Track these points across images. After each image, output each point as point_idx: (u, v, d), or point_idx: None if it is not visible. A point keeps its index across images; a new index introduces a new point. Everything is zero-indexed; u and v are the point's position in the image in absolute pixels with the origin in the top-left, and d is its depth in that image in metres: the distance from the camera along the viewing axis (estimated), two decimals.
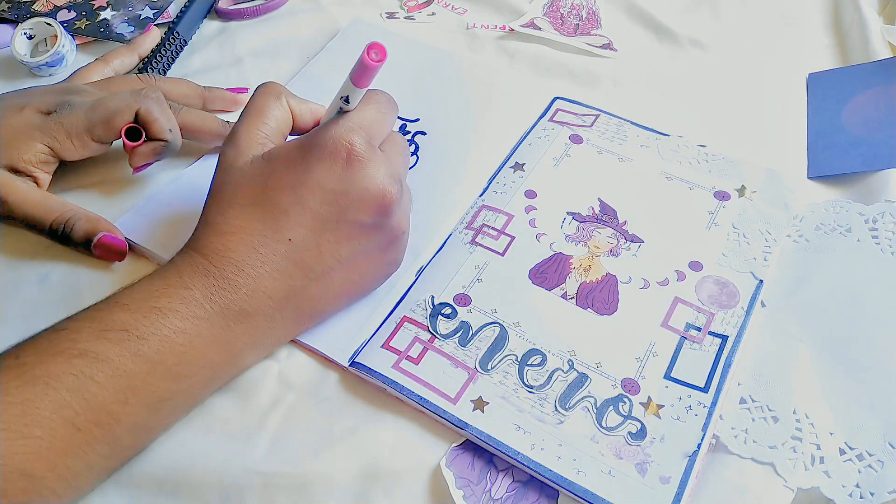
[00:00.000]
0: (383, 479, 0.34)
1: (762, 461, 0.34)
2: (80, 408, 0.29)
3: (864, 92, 0.51)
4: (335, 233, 0.35)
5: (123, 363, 0.30)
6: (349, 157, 0.34)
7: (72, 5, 0.58)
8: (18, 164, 0.42)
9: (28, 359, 0.30)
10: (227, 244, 0.34)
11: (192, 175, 0.47)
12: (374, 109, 0.37)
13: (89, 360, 0.30)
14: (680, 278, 0.41)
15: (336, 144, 0.34)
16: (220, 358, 0.34)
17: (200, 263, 0.34)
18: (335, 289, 0.37)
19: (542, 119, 0.51)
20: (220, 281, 0.33)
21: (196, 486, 0.34)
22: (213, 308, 0.33)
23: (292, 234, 0.34)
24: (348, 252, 0.36)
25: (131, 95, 0.43)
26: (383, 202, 0.35)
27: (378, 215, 0.35)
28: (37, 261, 0.43)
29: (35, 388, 0.29)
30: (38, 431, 0.28)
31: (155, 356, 0.31)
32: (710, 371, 0.37)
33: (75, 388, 0.29)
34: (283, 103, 0.38)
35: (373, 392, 0.37)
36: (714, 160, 0.47)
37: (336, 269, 0.36)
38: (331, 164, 0.34)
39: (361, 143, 0.35)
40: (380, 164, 0.35)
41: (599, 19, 0.60)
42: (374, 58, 0.33)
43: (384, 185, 0.35)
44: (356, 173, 0.35)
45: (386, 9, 0.61)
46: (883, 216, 0.43)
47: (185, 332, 0.32)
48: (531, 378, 0.37)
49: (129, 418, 0.31)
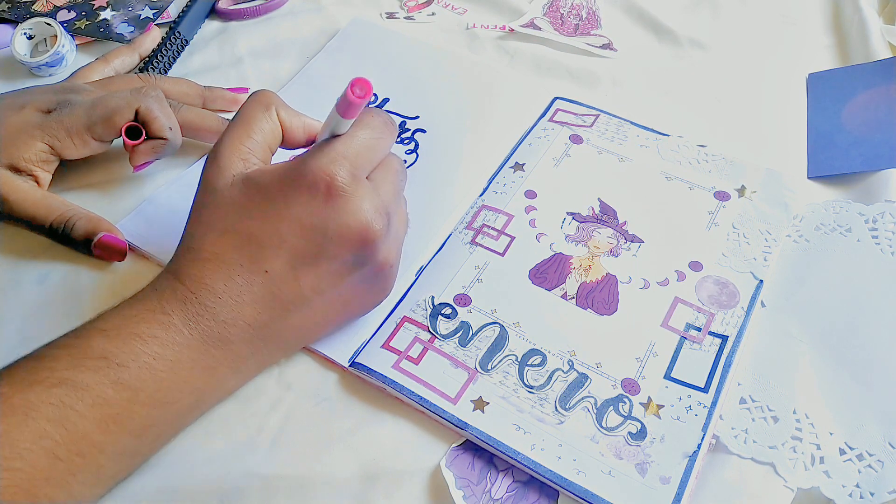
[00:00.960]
0: (383, 480, 0.34)
1: (762, 461, 0.34)
2: (60, 438, 0.28)
3: (864, 92, 0.51)
4: (315, 267, 0.33)
5: (104, 391, 0.30)
6: (329, 191, 0.33)
7: (72, 5, 0.58)
8: (19, 162, 0.42)
9: (5, 388, 0.29)
10: (203, 271, 0.33)
11: (192, 175, 0.47)
12: (365, 135, 0.35)
13: (68, 389, 0.29)
14: (680, 278, 0.41)
15: (316, 177, 0.33)
16: (203, 383, 0.33)
17: (178, 289, 0.33)
18: (318, 318, 0.36)
19: (541, 119, 0.51)
20: (198, 307, 0.32)
21: (196, 488, 0.34)
22: (193, 335, 0.32)
23: (269, 266, 0.33)
24: (329, 285, 0.34)
25: (131, 94, 0.43)
26: (366, 239, 0.33)
27: (361, 251, 0.34)
28: (37, 261, 0.43)
29: (14, 419, 0.28)
30: (18, 463, 0.27)
31: (136, 383, 0.30)
32: (710, 371, 0.37)
33: (55, 418, 0.28)
34: (273, 115, 0.36)
35: (373, 392, 0.37)
36: (714, 160, 0.47)
37: (317, 301, 0.34)
38: (310, 198, 0.33)
39: (344, 175, 0.33)
40: (363, 198, 0.33)
41: (599, 19, 0.60)
42: (358, 94, 0.31)
43: (367, 221, 0.33)
44: (336, 208, 0.33)
45: (386, 9, 0.61)
46: (883, 216, 0.43)
47: (166, 357, 0.31)
48: (531, 378, 0.37)
49: (112, 447, 0.30)
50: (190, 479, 0.34)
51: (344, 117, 0.33)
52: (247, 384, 0.37)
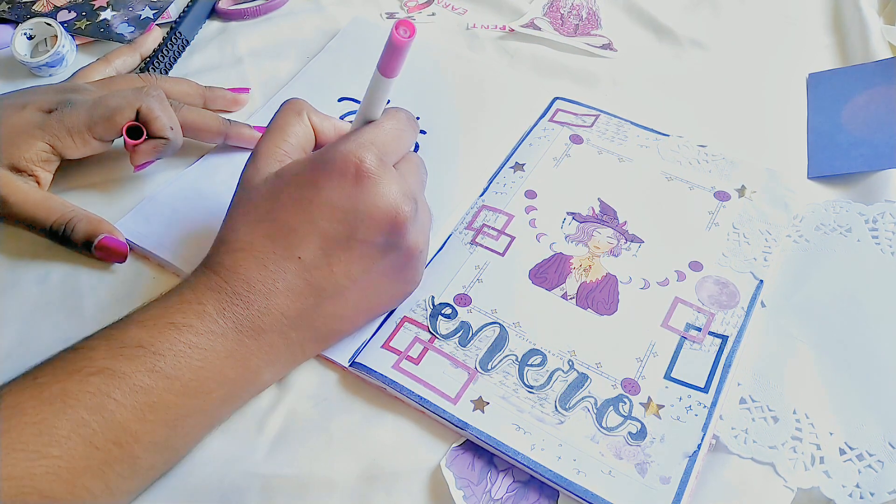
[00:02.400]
0: (383, 480, 0.34)
1: (762, 461, 0.34)
2: (98, 426, 0.29)
3: (864, 92, 0.51)
4: (347, 252, 0.34)
5: (140, 379, 0.30)
6: (358, 174, 0.33)
7: (72, 5, 0.58)
8: (20, 162, 0.42)
9: (45, 378, 0.29)
10: (236, 261, 0.33)
11: (192, 175, 0.47)
12: (390, 126, 0.36)
13: (106, 378, 0.29)
14: (680, 278, 0.41)
15: (345, 161, 0.34)
16: (237, 374, 0.33)
17: (213, 280, 0.33)
18: (350, 308, 0.36)
19: (542, 119, 0.51)
20: (232, 297, 0.33)
21: (196, 488, 0.34)
22: (227, 324, 0.32)
23: (302, 252, 0.34)
24: (361, 271, 0.35)
25: (132, 93, 0.43)
26: (395, 221, 0.34)
27: (390, 234, 0.34)
28: (37, 261, 0.43)
29: (52, 407, 0.28)
30: (56, 451, 0.28)
31: (171, 371, 0.31)
32: (711, 371, 0.37)
33: (93, 406, 0.29)
34: (305, 120, 0.38)
35: (373, 392, 0.37)
36: (714, 160, 0.47)
37: (350, 289, 0.35)
38: (340, 181, 0.34)
39: (372, 159, 0.34)
40: (391, 181, 0.34)
41: (599, 19, 0.60)
42: (403, 34, 0.31)
43: (396, 204, 0.34)
44: (366, 191, 0.34)
45: (386, 9, 0.61)
46: (883, 216, 0.43)
47: (201, 346, 0.32)
48: (531, 378, 0.37)
49: (147, 436, 0.30)
50: (190, 479, 0.34)
51: (386, 74, 0.33)
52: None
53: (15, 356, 0.38)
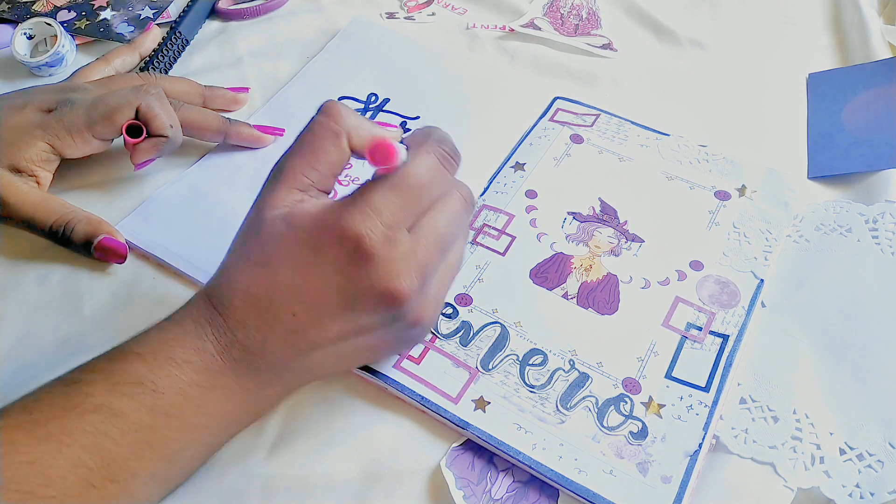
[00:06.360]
0: (384, 480, 0.34)
1: (762, 461, 0.34)
2: (94, 465, 0.28)
3: (864, 92, 0.51)
4: (342, 320, 0.32)
5: (139, 418, 0.29)
6: (357, 251, 0.30)
7: (72, 5, 0.58)
8: (20, 163, 0.42)
9: (40, 414, 0.29)
10: (234, 302, 0.32)
11: (193, 176, 0.47)
12: (413, 179, 0.32)
13: (104, 416, 0.29)
14: (681, 278, 0.41)
15: (344, 234, 0.30)
16: (234, 407, 0.33)
17: (214, 317, 0.32)
18: (347, 358, 0.35)
19: (542, 119, 0.51)
20: (229, 336, 0.32)
21: (195, 488, 0.34)
22: (226, 363, 0.32)
23: (296, 310, 0.32)
24: (356, 334, 0.33)
25: (132, 92, 0.43)
26: (394, 300, 0.31)
27: (390, 310, 0.32)
28: (37, 261, 0.43)
29: (48, 446, 0.28)
30: (52, 491, 0.27)
31: (170, 409, 0.30)
32: (711, 371, 0.37)
33: (90, 446, 0.28)
34: (342, 144, 0.33)
35: (373, 392, 0.37)
36: (714, 160, 0.47)
37: (343, 345, 0.33)
38: (338, 254, 0.31)
39: (374, 235, 0.30)
40: (392, 260, 0.31)
41: (599, 19, 0.60)
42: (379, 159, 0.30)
43: (393, 287, 0.31)
44: (363, 270, 0.31)
45: (386, 9, 0.61)
46: (883, 216, 0.43)
47: (200, 385, 0.31)
48: (532, 378, 0.37)
49: (145, 472, 0.30)
50: (190, 479, 0.34)
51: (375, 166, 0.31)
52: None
53: (15, 356, 0.38)
